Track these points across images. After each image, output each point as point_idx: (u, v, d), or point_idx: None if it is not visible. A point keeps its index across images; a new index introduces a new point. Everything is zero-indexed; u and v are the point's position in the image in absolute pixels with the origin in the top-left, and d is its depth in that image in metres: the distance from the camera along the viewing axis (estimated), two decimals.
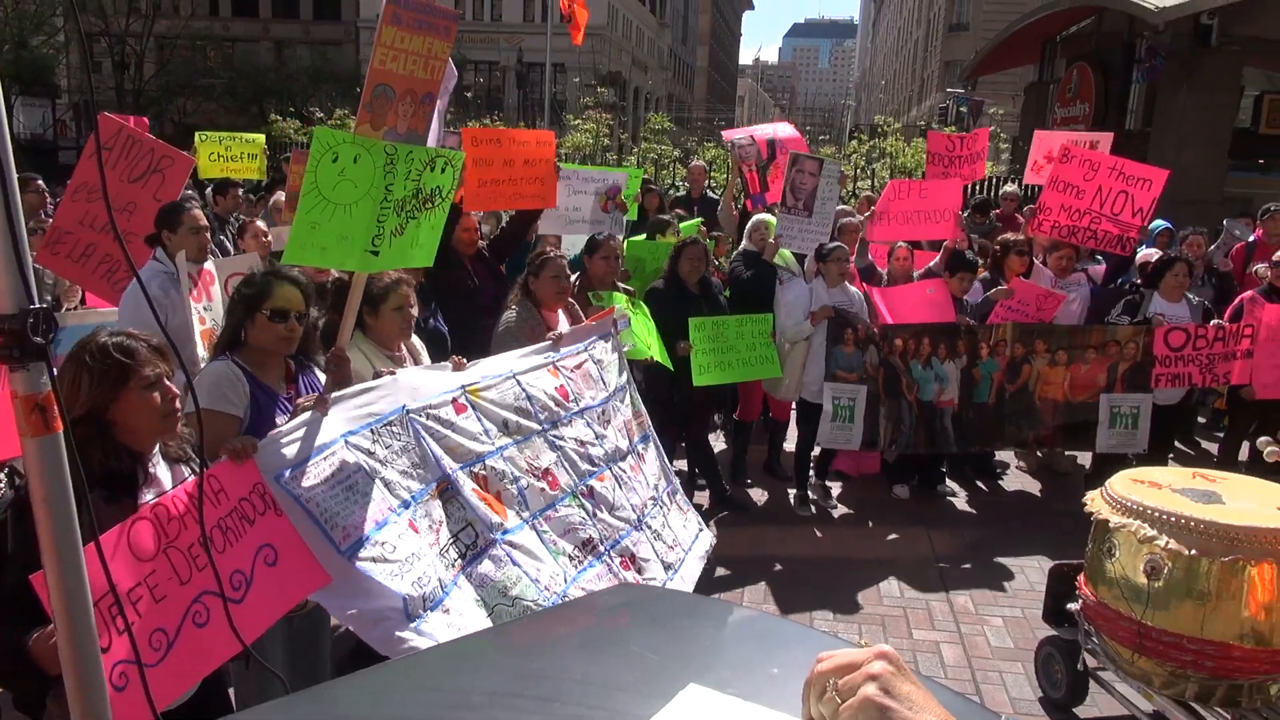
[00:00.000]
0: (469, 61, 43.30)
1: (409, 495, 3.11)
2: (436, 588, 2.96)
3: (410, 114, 3.24)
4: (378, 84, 3.11)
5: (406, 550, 2.95)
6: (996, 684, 4.12)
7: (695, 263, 5.70)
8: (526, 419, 3.78)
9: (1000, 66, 20.91)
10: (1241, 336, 6.07)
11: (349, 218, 3.03)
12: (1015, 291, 6.19)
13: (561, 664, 1.50)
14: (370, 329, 3.78)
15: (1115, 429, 6.13)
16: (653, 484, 4.49)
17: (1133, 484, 3.50)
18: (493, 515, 3.35)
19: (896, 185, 7.18)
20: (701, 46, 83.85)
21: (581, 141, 15.40)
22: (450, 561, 3.14)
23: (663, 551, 4.20)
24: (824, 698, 0.88)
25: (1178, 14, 12.34)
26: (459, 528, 3.24)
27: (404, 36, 3.12)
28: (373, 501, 2.96)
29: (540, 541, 3.55)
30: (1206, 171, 12.60)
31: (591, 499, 3.92)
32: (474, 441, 3.46)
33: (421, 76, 3.23)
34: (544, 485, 3.70)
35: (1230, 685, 3.21)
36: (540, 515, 3.64)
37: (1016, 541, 5.65)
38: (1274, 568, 3.06)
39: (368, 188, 3.04)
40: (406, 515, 3.07)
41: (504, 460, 3.55)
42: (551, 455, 3.84)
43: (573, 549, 3.67)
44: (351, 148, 3.00)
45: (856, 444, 5.97)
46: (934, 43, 52.49)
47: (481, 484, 3.41)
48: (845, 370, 5.87)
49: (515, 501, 3.54)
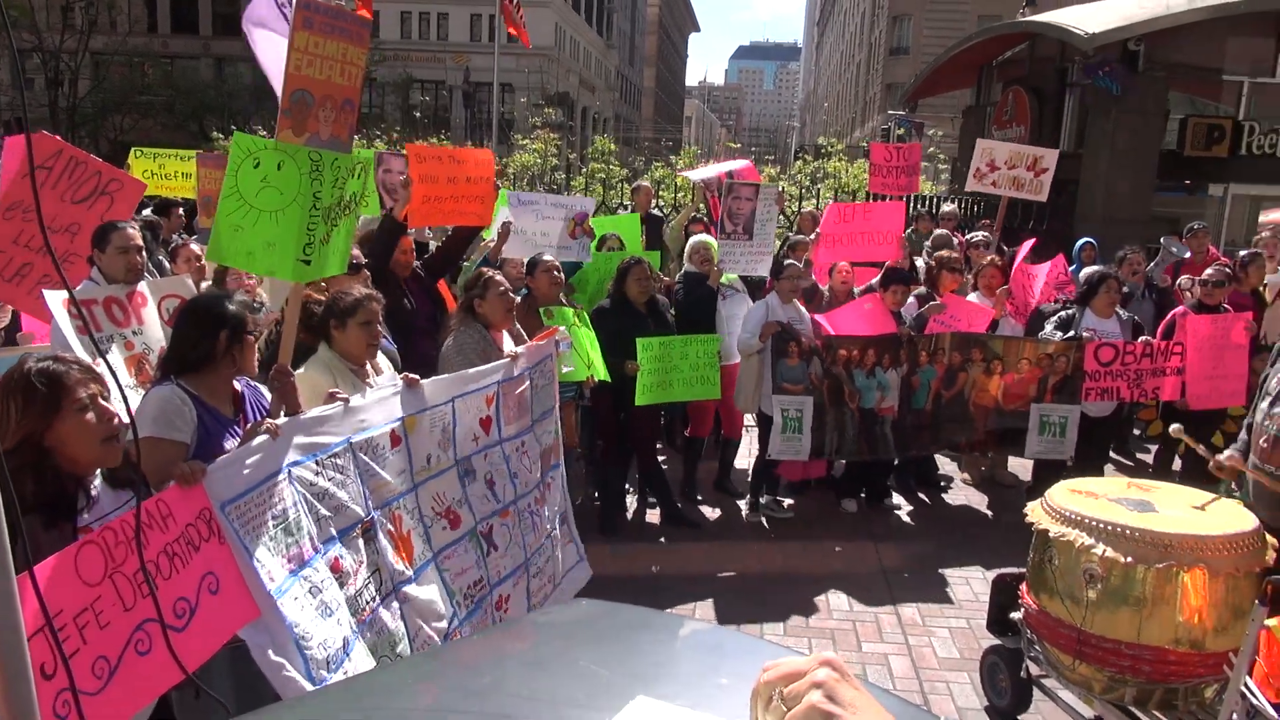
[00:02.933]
0: (415, 80, 43.12)
1: (335, 531, 3.06)
2: (338, 650, 2.88)
3: (332, 120, 3.21)
4: (295, 89, 3.08)
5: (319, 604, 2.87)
6: (944, 694, 4.19)
7: (643, 282, 5.75)
8: (445, 452, 3.77)
9: (939, 90, 21.42)
10: (1171, 354, 6.28)
11: (275, 225, 3.00)
12: (947, 306, 6.37)
13: (508, 681, 1.49)
14: (336, 343, 3.72)
15: (1044, 436, 6.31)
16: (550, 516, 4.53)
17: (1071, 494, 3.60)
18: (398, 562, 3.32)
19: (839, 209, 7.30)
20: (648, 68, 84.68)
21: (530, 161, 15.40)
22: (360, 606, 3.08)
23: (534, 590, 4.26)
24: (770, 706, 0.89)
25: (1106, 40, 12.78)
26: (369, 573, 3.19)
27: (317, 41, 3.09)
28: (300, 542, 2.89)
29: (440, 580, 3.56)
30: (1136, 192, 13.04)
31: (488, 539, 3.94)
32: (396, 479, 3.43)
33: (339, 82, 3.21)
34: (446, 523, 3.71)
35: (1167, 689, 3.30)
36: (442, 553, 3.65)
37: (961, 553, 5.76)
38: (1205, 573, 3.17)
39: (294, 195, 3.01)
40: (332, 551, 3.01)
41: (414, 497, 3.54)
42: (459, 492, 3.83)
43: (464, 589, 3.70)
44: (274, 154, 2.97)
45: (805, 454, 6.07)
46: (875, 66, 53.66)
47: (396, 523, 3.39)
48: (791, 382, 5.96)
49: (423, 539, 3.54)
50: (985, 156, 7.80)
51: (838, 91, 76.62)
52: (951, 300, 6.44)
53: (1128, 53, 13.08)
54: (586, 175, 14.82)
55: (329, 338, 3.71)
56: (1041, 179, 7.69)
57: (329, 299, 3.77)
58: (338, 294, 3.76)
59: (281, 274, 3.13)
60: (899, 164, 7.79)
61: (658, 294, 6.07)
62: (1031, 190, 7.76)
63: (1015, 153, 7.81)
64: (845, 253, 6.96)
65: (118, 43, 37.11)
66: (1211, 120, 13.65)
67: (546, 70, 45.42)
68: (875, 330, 6.21)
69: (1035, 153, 7.77)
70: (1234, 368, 6.26)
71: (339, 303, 3.68)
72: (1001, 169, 7.75)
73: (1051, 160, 7.69)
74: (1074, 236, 10.54)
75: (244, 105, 35.70)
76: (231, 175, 2.97)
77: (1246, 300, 7.06)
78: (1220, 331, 6.38)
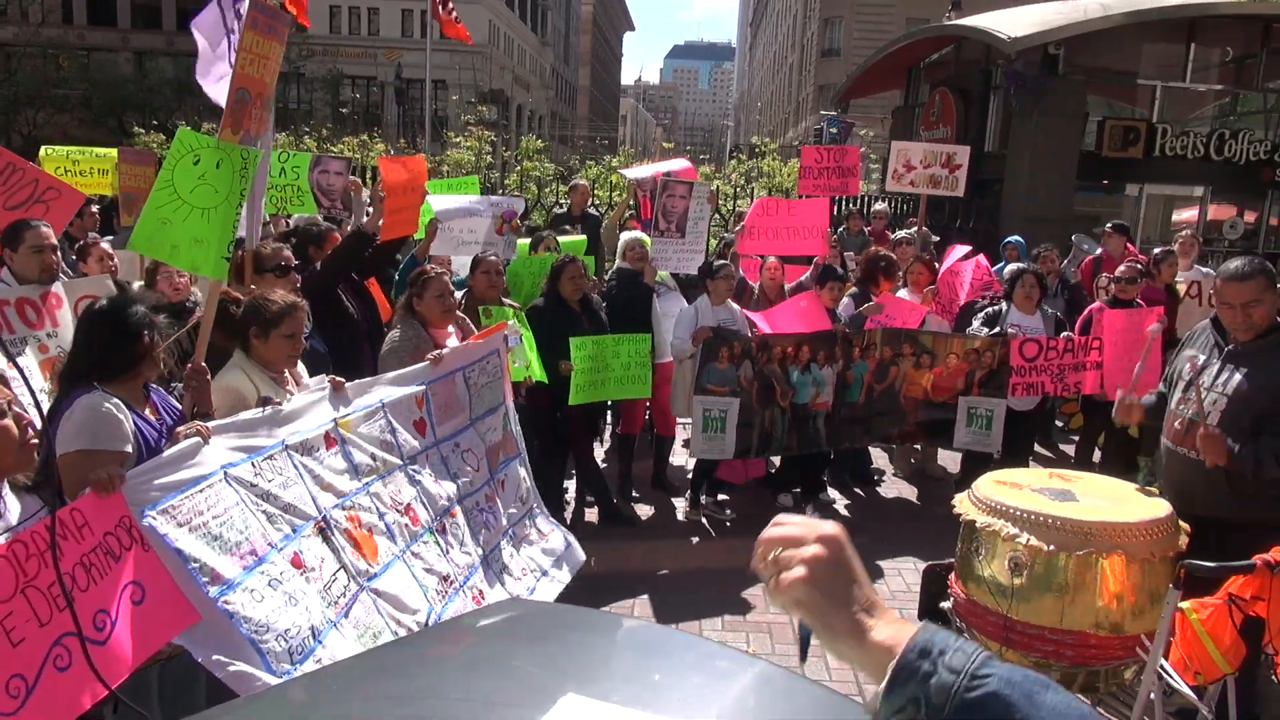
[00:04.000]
0: (346, 77, 42.32)
1: (290, 529, 3.01)
2: (307, 637, 2.83)
3: (259, 117, 3.23)
4: (239, 88, 3.09)
5: (281, 595, 2.83)
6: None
7: (577, 281, 5.73)
8: (390, 454, 3.72)
9: (870, 91, 21.87)
10: (1090, 349, 6.51)
11: (206, 222, 2.98)
12: (884, 306, 6.50)
13: (442, 683, 1.48)
14: (256, 351, 3.59)
15: (971, 429, 6.48)
16: (507, 513, 4.49)
17: (996, 485, 3.69)
18: (359, 561, 3.27)
19: (765, 202, 7.38)
20: (584, 66, 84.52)
21: (463, 159, 15.24)
22: (331, 600, 3.04)
23: (510, 584, 4.22)
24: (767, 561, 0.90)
25: (1027, 44, 13.20)
26: (335, 568, 3.15)
27: (259, 41, 3.13)
28: (250, 538, 2.83)
29: (412, 576, 3.51)
30: (1057, 191, 13.48)
31: (444, 536, 3.90)
32: (341, 478, 3.38)
33: (266, 80, 3.25)
34: (407, 520, 3.67)
35: (1089, 671, 3.41)
36: (409, 548, 3.61)
37: (894, 545, 5.87)
38: (1123, 559, 3.28)
39: (226, 193, 3.01)
40: (291, 547, 2.97)
41: (370, 497, 3.49)
42: (411, 491, 3.79)
43: (435, 583, 3.66)
44: (214, 153, 2.95)
45: (730, 453, 6.12)
46: (808, 67, 54.44)
47: (354, 523, 3.33)
48: (717, 384, 6.00)
49: (386, 536, 3.48)
50: (901, 157, 8.02)
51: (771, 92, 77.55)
52: (888, 300, 6.58)
53: (1048, 57, 13.52)
54: (520, 173, 14.73)
55: (247, 345, 3.57)
56: (957, 175, 7.91)
57: (250, 303, 3.61)
58: (261, 301, 3.59)
59: (205, 270, 3.11)
60: (831, 166, 7.91)
61: (591, 292, 6.07)
62: (948, 186, 7.98)
63: (929, 151, 8.04)
64: (771, 247, 7.04)
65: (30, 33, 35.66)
66: (1127, 122, 14.18)
67: (480, 67, 44.99)
68: (812, 327, 6.30)
69: (949, 150, 8.01)
70: (1147, 360, 6.50)
71: (264, 311, 3.52)
72: (918, 168, 7.96)
73: (964, 157, 7.92)
74: (1000, 235, 10.86)
75: (166, 100, 34.65)
76: (169, 169, 2.95)
77: (1160, 295, 7.36)
78: (1134, 325, 6.64)
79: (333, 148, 16.39)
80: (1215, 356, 3.68)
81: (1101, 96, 15.11)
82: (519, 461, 4.78)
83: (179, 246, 3.03)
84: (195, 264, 3.10)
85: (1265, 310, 3.51)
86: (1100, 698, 3.58)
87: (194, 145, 2.97)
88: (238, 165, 3.01)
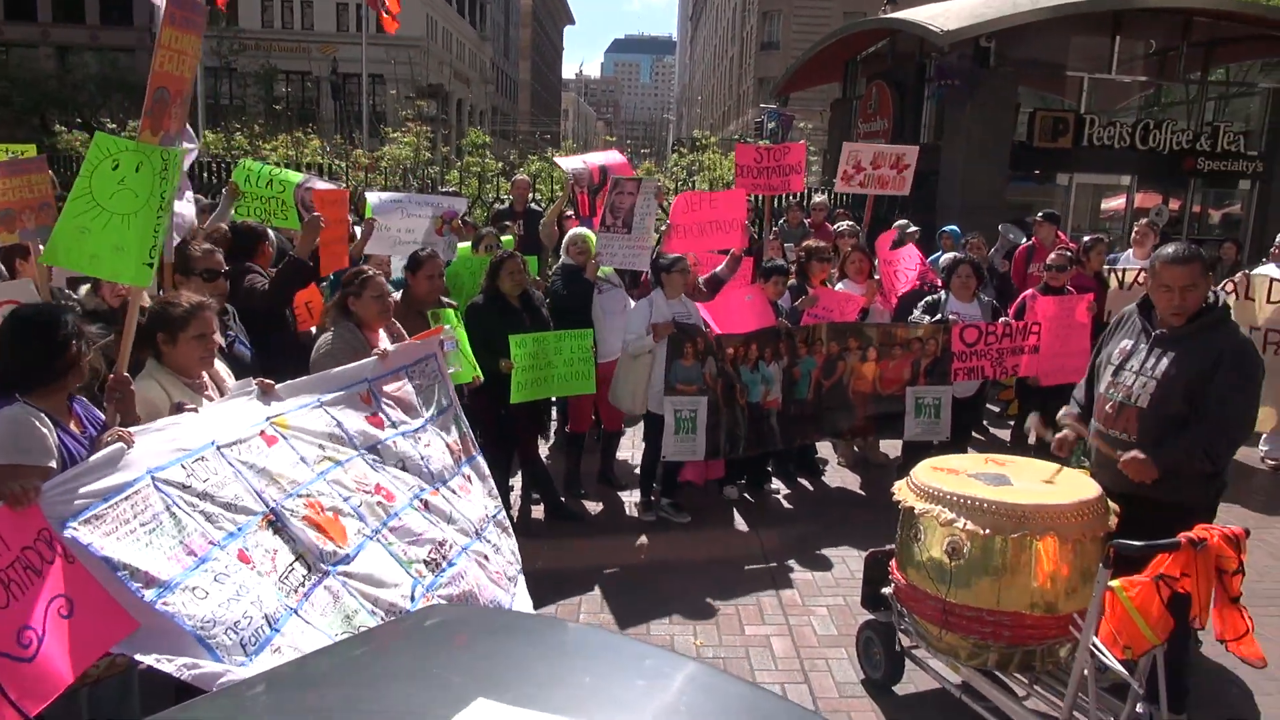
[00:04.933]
0: (280, 72, 41.40)
1: (234, 527, 2.94)
2: (261, 626, 2.79)
3: (178, 115, 3.12)
4: (159, 88, 2.97)
5: (228, 589, 2.77)
6: (823, 670, 4.31)
7: (516, 276, 5.68)
8: (341, 445, 3.64)
9: (809, 84, 22.07)
10: (1029, 333, 6.66)
11: (126, 229, 2.87)
12: (819, 298, 6.56)
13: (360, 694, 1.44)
14: (167, 357, 3.48)
15: (920, 419, 6.58)
16: (483, 504, 4.43)
17: (933, 472, 3.76)
18: (325, 544, 3.20)
19: (686, 198, 7.34)
20: (524, 60, 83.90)
21: (401, 155, 15.01)
22: (290, 589, 2.98)
23: (503, 565, 4.15)
24: None
25: (959, 37, 13.44)
26: (291, 559, 3.08)
27: (177, 36, 3.01)
28: (186, 539, 2.78)
29: (389, 555, 3.44)
30: (990, 181, 13.75)
31: (428, 511, 3.82)
32: (294, 469, 3.30)
33: (185, 76, 3.13)
34: (380, 499, 3.59)
35: (1025, 651, 3.50)
36: (384, 527, 3.52)
37: (838, 533, 5.94)
38: (1056, 540, 3.36)
39: (147, 197, 2.90)
40: (235, 544, 2.90)
41: (329, 484, 3.41)
42: (377, 475, 3.71)
43: (426, 553, 3.57)
44: (134, 156, 2.84)
45: (701, 454, 6.06)
46: (748, 60, 54.76)
47: (315, 509, 3.26)
48: (684, 383, 5.97)
49: (354, 518, 3.41)
50: (852, 159, 8.09)
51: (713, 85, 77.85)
52: (822, 292, 6.65)
53: (980, 49, 13.78)
54: (461, 169, 14.56)
55: (157, 352, 3.46)
56: (904, 175, 8.02)
57: (154, 309, 3.49)
58: (164, 305, 3.48)
59: (125, 278, 3.01)
60: (769, 165, 7.88)
61: (531, 289, 6.02)
62: (896, 186, 8.10)
63: (879, 153, 8.13)
64: (695, 243, 6.95)
65: None
66: (1057, 113, 14.52)
67: (418, 62, 44.35)
68: (758, 322, 6.33)
69: (898, 151, 8.11)
70: (1077, 345, 6.68)
71: (168, 314, 3.42)
72: (867, 169, 8.05)
73: (912, 157, 8.03)
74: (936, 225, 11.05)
75: (90, 97, 33.54)
76: (85, 176, 2.84)
77: (1090, 283, 7.56)
78: (1066, 311, 6.81)
79: (265, 145, 16.02)
80: (1143, 341, 3.77)
81: (1032, 88, 15.45)
82: (477, 461, 4.71)
83: (99, 256, 2.92)
84: (116, 272, 3.00)
85: (1198, 295, 3.61)
86: (1037, 676, 3.67)
87: (111, 150, 2.86)
88: (158, 167, 2.90)
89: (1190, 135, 14.57)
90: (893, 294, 7.36)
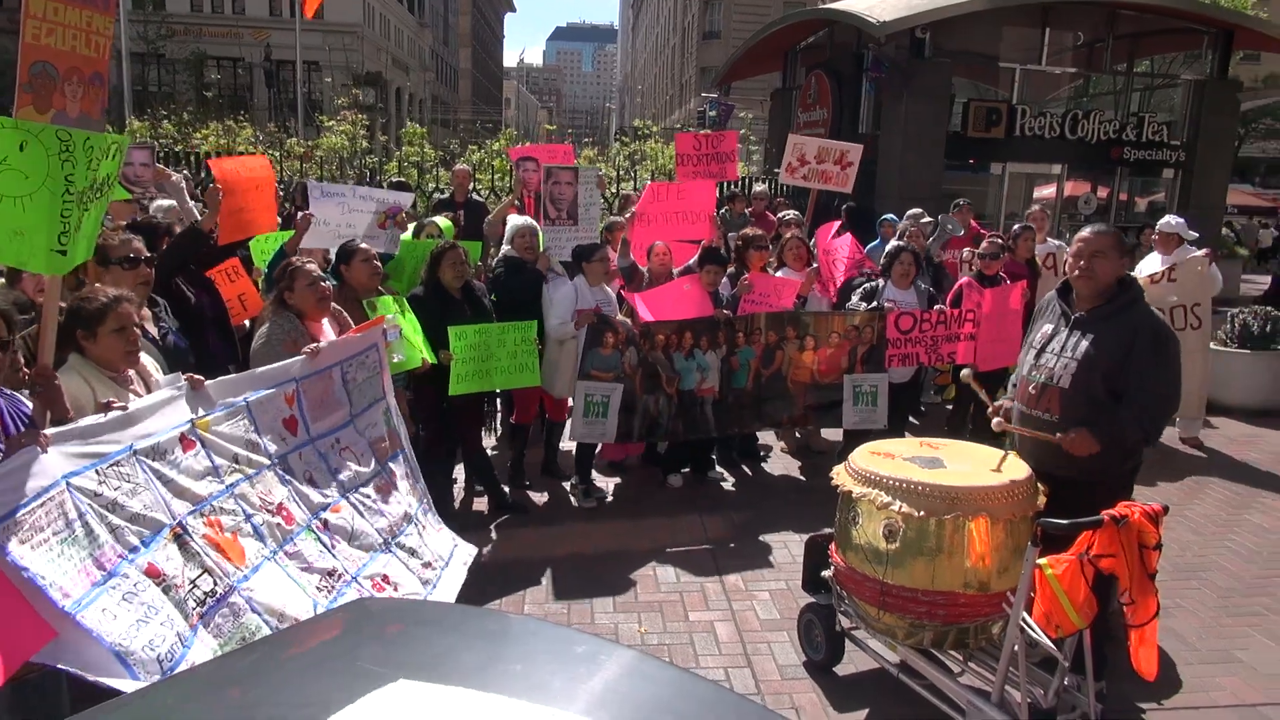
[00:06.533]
0: (210, 58, 40.26)
1: (139, 541, 2.86)
2: (175, 644, 2.73)
3: (80, 95, 2.97)
4: (34, 61, 2.82)
5: (139, 607, 2.70)
6: (765, 654, 4.38)
7: (458, 268, 5.63)
8: (255, 453, 3.58)
9: (749, 73, 22.16)
10: (965, 321, 6.81)
11: (22, 212, 2.72)
12: (754, 285, 6.62)
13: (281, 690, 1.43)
14: (89, 353, 3.39)
15: (858, 406, 6.69)
16: (405, 503, 4.40)
17: (871, 456, 3.84)
18: (226, 564, 3.15)
19: (655, 188, 7.44)
20: (464, 48, 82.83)
21: (337, 144, 14.71)
22: (189, 611, 2.92)
23: (418, 569, 4.14)
24: None
25: (895, 28, 13.62)
26: (197, 574, 3.02)
27: (57, 8, 2.84)
28: (99, 550, 2.69)
29: (287, 577, 3.40)
30: (926, 170, 14.00)
31: (326, 532, 3.79)
32: (201, 482, 3.23)
33: (86, 54, 2.97)
34: (280, 520, 3.53)
35: (959, 629, 3.59)
36: (282, 549, 3.48)
37: (780, 518, 6.02)
38: (987, 521, 3.45)
39: (43, 179, 2.73)
40: (144, 557, 2.83)
41: (235, 499, 3.35)
42: (283, 490, 3.66)
43: (317, 580, 3.54)
44: (14, 133, 2.68)
45: (611, 436, 6.17)
46: (689, 50, 54.85)
47: (215, 527, 3.19)
48: (600, 370, 6.01)
49: (254, 538, 3.35)
50: (796, 152, 8.17)
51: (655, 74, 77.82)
52: (758, 278, 6.70)
53: (915, 40, 13.99)
54: (400, 159, 14.33)
55: (79, 348, 3.37)
56: (848, 171, 8.13)
57: (69, 305, 3.40)
58: (79, 300, 3.40)
59: (34, 265, 2.86)
60: (708, 152, 7.96)
61: (473, 280, 5.97)
62: (839, 182, 8.20)
63: (824, 148, 8.22)
64: (661, 232, 7.08)
65: None
66: (990, 104, 14.82)
67: (354, 49, 43.50)
68: (695, 310, 6.36)
69: (842, 147, 8.21)
70: (1012, 331, 6.85)
71: (83, 310, 3.34)
72: (811, 163, 8.13)
73: (856, 155, 8.14)
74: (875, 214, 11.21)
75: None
76: None
77: (1022, 269, 7.76)
78: (1000, 299, 6.98)
79: (196, 134, 15.58)
80: (1063, 325, 3.93)
81: (967, 79, 15.76)
82: (405, 456, 4.67)
83: None
84: (21, 259, 2.84)
85: (1109, 266, 3.78)
86: (971, 653, 3.78)
87: None
88: (53, 148, 2.74)
89: (1117, 125, 15.00)
90: (831, 283, 7.47)
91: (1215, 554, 5.62)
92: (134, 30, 30.23)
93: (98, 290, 3.44)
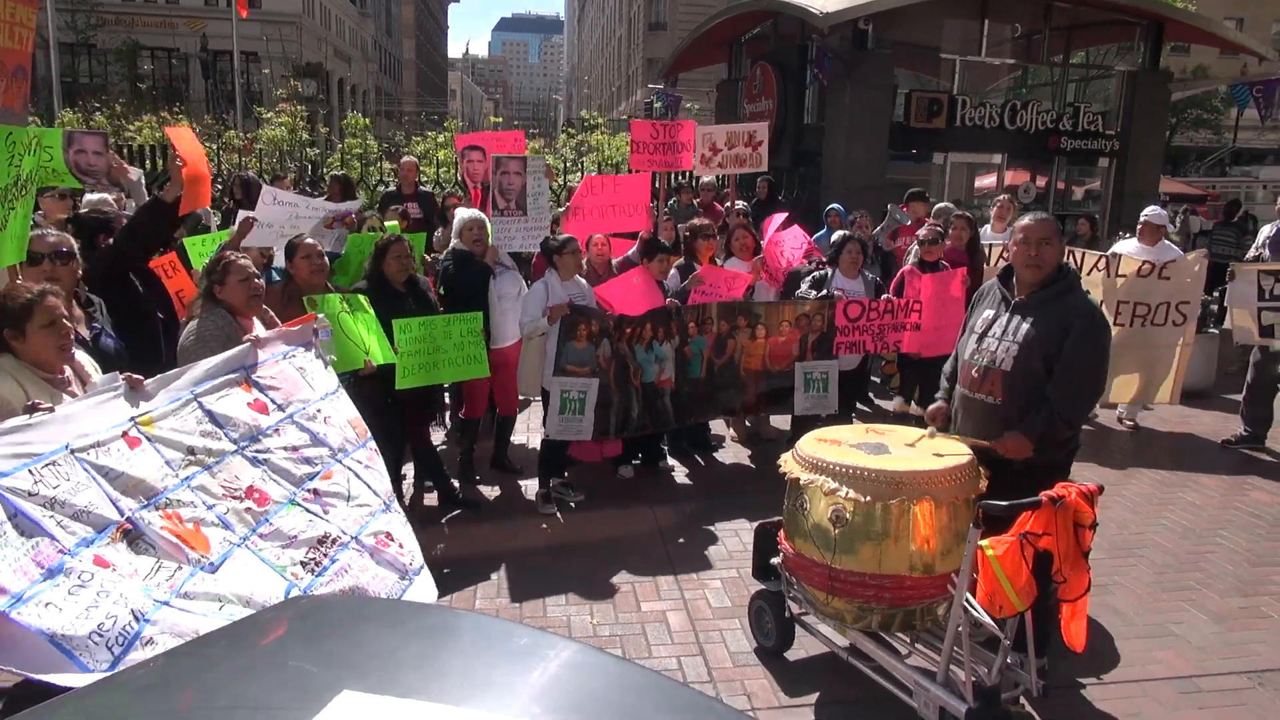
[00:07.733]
0: (143, 48, 39.13)
1: (85, 535, 2.78)
2: (129, 623, 2.66)
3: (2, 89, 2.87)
4: None
5: (86, 598, 2.63)
6: (717, 641, 4.41)
7: (403, 260, 5.56)
8: (215, 441, 3.48)
9: (695, 65, 22.18)
10: (910, 310, 6.92)
11: None
12: (705, 278, 6.65)
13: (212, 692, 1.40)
14: (22, 352, 3.28)
15: (810, 393, 6.75)
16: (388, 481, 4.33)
17: (818, 443, 3.88)
18: (191, 553, 3.06)
19: (591, 181, 7.40)
20: (407, 39, 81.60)
21: (277, 136, 14.39)
22: (157, 584, 2.85)
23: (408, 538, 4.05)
24: None
25: (838, 19, 13.74)
26: (151, 564, 2.93)
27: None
28: (34, 550, 2.61)
29: (261, 562, 3.31)
30: (871, 161, 14.16)
31: (317, 500, 3.68)
32: (152, 478, 3.13)
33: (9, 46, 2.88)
34: (250, 504, 3.44)
35: (906, 611, 3.65)
36: (254, 534, 3.39)
37: (731, 507, 6.07)
38: (931, 504, 3.52)
39: None
40: (90, 551, 2.75)
41: (193, 491, 3.25)
42: (254, 472, 3.56)
43: (304, 554, 3.44)
44: None
45: (588, 434, 6.06)
46: (636, 40, 54.74)
47: (174, 520, 3.11)
48: (576, 364, 5.95)
49: (219, 527, 3.27)
50: (707, 142, 8.22)
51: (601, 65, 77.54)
52: (708, 271, 6.72)
53: (858, 32, 14.13)
54: (343, 151, 14.09)
55: (10, 349, 3.27)
56: (759, 151, 8.17)
57: None
58: (4, 297, 3.29)
59: None
60: (664, 141, 7.94)
61: (417, 275, 5.89)
62: (753, 164, 8.26)
63: (731, 133, 8.28)
64: (597, 225, 7.04)
65: None
66: (931, 94, 15.04)
67: (293, 39, 42.59)
68: (647, 303, 6.35)
69: (749, 129, 8.26)
70: (954, 318, 6.97)
71: (7, 308, 3.23)
72: (723, 150, 8.18)
73: (764, 133, 8.18)
74: (821, 204, 11.33)
75: None
76: None
77: (961, 257, 7.89)
78: (941, 285, 7.10)
79: (129, 125, 15.14)
80: (1004, 310, 4.03)
81: (909, 70, 15.97)
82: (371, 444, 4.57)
83: None
84: None
85: (1053, 252, 3.90)
86: (918, 634, 3.85)
87: None
88: None
89: (1054, 116, 15.32)
90: (779, 272, 7.52)
91: (1151, 532, 5.80)
92: (62, 20, 29.25)
93: (20, 287, 3.32)
